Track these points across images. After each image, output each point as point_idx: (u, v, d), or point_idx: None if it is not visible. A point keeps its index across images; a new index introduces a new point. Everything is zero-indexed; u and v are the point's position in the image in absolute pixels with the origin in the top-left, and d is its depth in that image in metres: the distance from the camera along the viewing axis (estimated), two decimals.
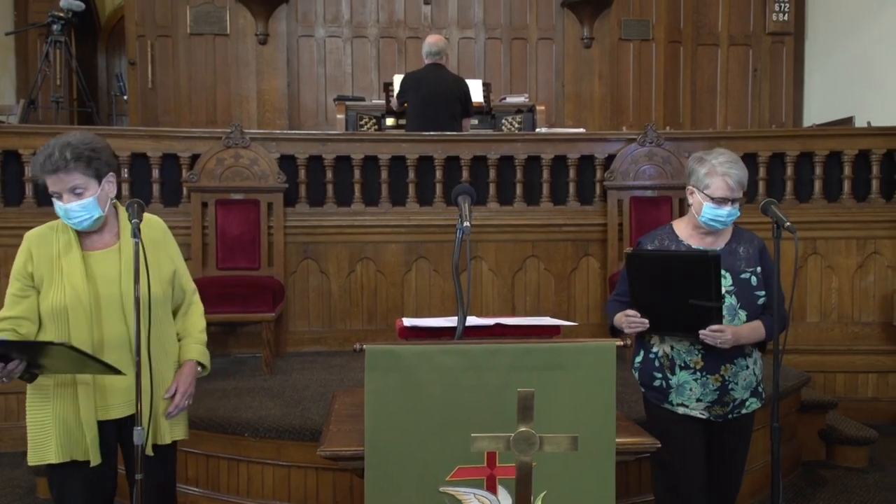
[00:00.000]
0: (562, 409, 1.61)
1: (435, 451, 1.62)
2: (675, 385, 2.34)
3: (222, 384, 3.52)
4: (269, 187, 4.11)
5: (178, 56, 6.84)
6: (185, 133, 4.35)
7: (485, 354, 1.65)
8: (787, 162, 4.43)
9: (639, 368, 2.44)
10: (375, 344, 1.67)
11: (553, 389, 1.63)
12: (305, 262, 4.24)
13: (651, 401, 2.41)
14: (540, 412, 1.38)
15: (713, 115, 7.43)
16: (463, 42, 6.39)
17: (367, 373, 1.62)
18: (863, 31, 6.29)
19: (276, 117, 6.72)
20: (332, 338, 4.24)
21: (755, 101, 7.41)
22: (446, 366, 1.63)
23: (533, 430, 1.35)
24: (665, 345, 2.36)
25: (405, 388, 1.62)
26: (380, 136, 4.66)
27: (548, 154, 4.36)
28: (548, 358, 1.66)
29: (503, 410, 1.57)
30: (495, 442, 1.37)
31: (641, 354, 2.44)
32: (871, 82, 6.17)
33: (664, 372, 2.36)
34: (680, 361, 2.34)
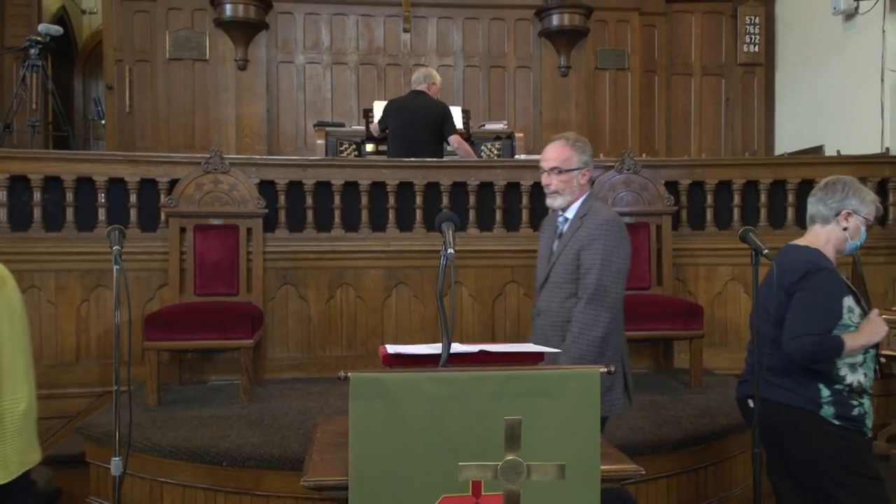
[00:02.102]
0: (547, 436, 1.61)
1: (420, 480, 1.60)
2: (867, 410, 2.39)
3: (199, 412, 3.46)
4: (248, 212, 4.09)
5: (156, 81, 6.82)
6: (164, 158, 4.32)
7: (470, 382, 1.64)
8: (760, 189, 4.52)
9: (831, 402, 2.35)
10: (360, 372, 1.65)
11: (538, 417, 1.63)
12: (285, 288, 4.21)
13: (848, 429, 2.35)
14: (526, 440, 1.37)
15: (688, 142, 7.57)
16: (442, 70, 6.43)
17: (351, 401, 1.60)
18: (830, 63, 6.48)
19: (255, 142, 6.71)
20: (312, 364, 4.20)
21: (728, 129, 7.57)
22: (431, 394, 1.62)
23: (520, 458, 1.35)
24: (858, 374, 2.37)
25: (390, 416, 1.60)
26: (360, 162, 4.67)
27: (527, 181, 4.40)
28: (532, 385, 1.66)
29: (489, 438, 1.57)
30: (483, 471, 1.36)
31: (827, 390, 2.36)
32: (838, 112, 6.34)
33: (858, 399, 2.37)
34: (868, 387, 2.40)
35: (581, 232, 2.55)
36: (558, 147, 2.61)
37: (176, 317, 3.64)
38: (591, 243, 2.52)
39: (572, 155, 2.60)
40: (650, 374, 4.24)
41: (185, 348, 3.79)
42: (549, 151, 2.63)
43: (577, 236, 2.55)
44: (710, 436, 3.20)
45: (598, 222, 2.53)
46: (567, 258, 2.56)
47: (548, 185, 2.62)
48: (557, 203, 2.62)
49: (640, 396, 3.70)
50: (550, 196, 2.62)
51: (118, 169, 4.15)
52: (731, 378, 4.17)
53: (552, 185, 2.61)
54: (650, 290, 4.23)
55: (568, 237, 2.58)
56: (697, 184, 4.51)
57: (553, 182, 2.60)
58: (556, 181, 2.60)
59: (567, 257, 2.56)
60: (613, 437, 2.80)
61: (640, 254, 4.25)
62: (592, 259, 2.51)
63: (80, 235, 4.11)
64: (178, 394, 3.82)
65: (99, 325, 4.07)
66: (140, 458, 2.96)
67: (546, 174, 2.62)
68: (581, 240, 2.54)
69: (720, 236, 4.48)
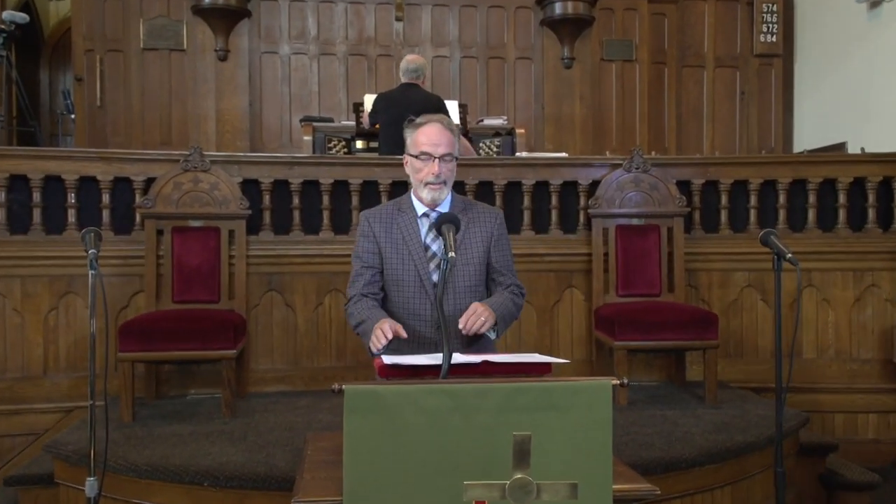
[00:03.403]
0: (556, 453, 1.61)
1: (420, 500, 1.60)
2: None
3: (177, 428, 3.44)
4: (230, 214, 4.09)
5: (129, 72, 6.82)
6: (140, 155, 4.32)
7: (473, 395, 1.64)
8: (779, 189, 4.54)
9: None
10: (353, 384, 1.65)
11: (546, 432, 1.63)
12: (269, 295, 4.21)
13: None
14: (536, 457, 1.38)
15: (699, 139, 7.62)
16: (437, 61, 6.49)
17: (346, 415, 1.60)
18: (854, 54, 6.52)
19: (237, 138, 6.72)
20: (298, 376, 4.20)
21: (743, 125, 7.62)
22: (432, 407, 1.62)
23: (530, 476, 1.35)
24: None
25: (387, 431, 1.61)
26: (350, 160, 4.68)
27: (529, 180, 4.42)
28: (540, 398, 1.66)
29: (495, 455, 1.57)
30: (489, 490, 1.36)
31: None
32: (863, 106, 6.38)
33: None
34: None
35: (478, 227, 2.58)
36: (441, 130, 2.50)
37: (152, 326, 3.63)
38: (500, 238, 2.60)
39: (455, 140, 2.54)
40: (661, 387, 4.26)
41: (162, 359, 3.78)
42: (438, 135, 2.49)
43: (475, 231, 2.57)
44: (727, 453, 3.21)
45: (498, 213, 2.63)
46: (470, 258, 2.54)
47: (438, 175, 2.48)
48: (443, 196, 2.53)
49: (649, 411, 3.72)
50: (437, 187, 2.50)
51: (89, 167, 4.14)
52: (748, 391, 4.19)
53: (443, 175, 2.49)
54: (660, 297, 4.25)
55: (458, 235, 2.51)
56: (711, 183, 4.53)
57: (443, 171, 2.49)
58: (446, 170, 2.50)
59: (469, 257, 2.54)
60: (621, 454, 2.80)
61: (650, 258, 4.27)
62: (506, 254, 2.61)
63: (49, 238, 4.10)
64: (154, 409, 3.80)
65: (69, 334, 4.06)
66: (114, 479, 2.94)
67: (437, 161, 2.47)
68: (484, 235, 2.57)
69: (735, 240, 4.51)
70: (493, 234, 2.59)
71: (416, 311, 2.54)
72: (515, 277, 2.64)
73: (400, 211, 2.60)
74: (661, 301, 4.21)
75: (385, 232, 2.58)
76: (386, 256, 2.57)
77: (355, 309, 2.52)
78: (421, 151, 2.48)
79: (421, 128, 2.51)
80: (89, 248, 1.96)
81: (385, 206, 2.68)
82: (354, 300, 2.56)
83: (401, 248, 2.56)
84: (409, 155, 2.54)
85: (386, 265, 2.57)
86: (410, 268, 2.54)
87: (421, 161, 2.49)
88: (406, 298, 2.55)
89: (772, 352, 4.42)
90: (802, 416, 3.84)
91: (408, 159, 2.55)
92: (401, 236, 2.56)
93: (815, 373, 4.45)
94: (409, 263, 2.54)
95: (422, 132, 2.50)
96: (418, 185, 2.52)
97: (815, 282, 4.47)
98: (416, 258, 2.53)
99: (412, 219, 2.57)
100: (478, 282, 2.57)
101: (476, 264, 2.55)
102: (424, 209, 2.56)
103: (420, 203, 2.57)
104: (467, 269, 2.53)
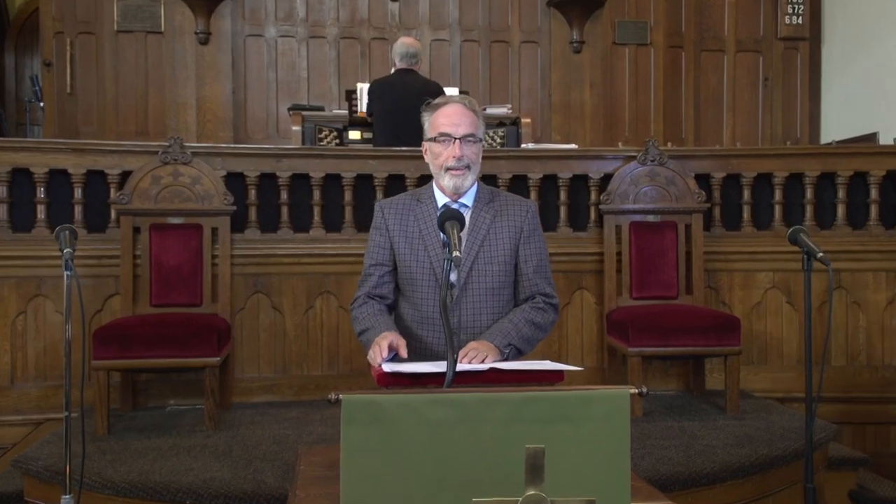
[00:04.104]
0: (570, 467, 1.62)
1: None
2: None
3: (157, 442, 3.45)
4: (213, 210, 4.09)
5: (102, 57, 6.82)
6: (115, 146, 4.32)
7: (480, 405, 1.64)
8: (806, 184, 4.55)
9: None
10: (351, 393, 1.66)
11: (559, 445, 1.64)
12: (256, 297, 4.21)
13: None
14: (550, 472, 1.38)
15: (719, 129, 7.64)
16: (436, 45, 6.50)
17: (343, 427, 1.61)
18: (887, 36, 6.53)
19: (219, 129, 6.72)
20: (287, 385, 4.20)
21: (766, 113, 7.64)
22: (436, 418, 1.63)
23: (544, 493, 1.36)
24: None
25: (388, 444, 1.61)
26: (343, 152, 4.68)
27: (536, 173, 4.42)
28: (552, 408, 1.67)
29: (503, 469, 1.57)
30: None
31: None
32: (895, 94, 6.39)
33: None
34: None
35: (505, 220, 2.48)
36: (463, 110, 2.41)
37: (129, 331, 3.63)
38: (532, 234, 2.51)
39: (478, 121, 2.45)
40: (678, 397, 4.27)
41: (139, 368, 3.78)
42: (459, 115, 2.40)
43: (501, 225, 2.48)
44: (751, 468, 3.22)
45: (529, 205, 2.53)
46: (494, 255, 2.45)
47: (460, 158, 2.39)
48: (468, 183, 2.44)
49: (667, 422, 3.74)
50: (460, 173, 2.40)
51: (60, 159, 4.14)
52: (772, 401, 4.21)
53: (465, 158, 2.39)
54: (678, 299, 4.26)
55: (481, 229, 2.45)
56: (732, 177, 4.54)
57: (466, 153, 2.39)
58: (470, 152, 2.40)
59: (493, 254, 2.45)
60: (637, 469, 2.81)
61: (667, 258, 4.28)
62: (537, 253, 2.51)
63: (16, 237, 4.10)
64: (131, 421, 3.81)
65: (38, 341, 4.06)
66: (89, 497, 2.95)
67: (458, 143, 2.38)
68: (512, 229, 2.48)
69: (759, 238, 4.52)
70: (523, 228, 2.49)
71: (430, 314, 2.45)
72: (548, 283, 2.52)
73: (419, 201, 2.51)
74: (678, 304, 4.22)
75: (399, 224, 2.50)
76: (399, 251, 2.49)
77: (360, 313, 2.47)
78: (440, 133, 2.40)
79: (440, 109, 2.43)
80: (64, 246, 1.96)
81: (403, 196, 2.61)
82: (360, 302, 2.51)
83: (416, 242, 2.47)
84: (427, 141, 2.46)
85: (399, 261, 2.50)
86: (425, 265, 2.45)
87: (440, 144, 2.40)
88: (420, 299, 2.46)
89: (798, 358, 4.43)
90: (831, 427, 3.85)
91: (426, 146, 2.47)
92: (417, 229, 2.47)
93: (845, 381, 4.46)
94: (425, 260, 2.45)
95: (441, 113, 2.42)
96: (439, 172, 2.43)
97: (845, 283, 4.49)
98: (433, 254, 2.44)
99: (431, 210, 2.48)
100: (503, 283, 2.47)
101: (501, 263, 2.45)
102: (446, 199, 2.46)
103: (442, 193, 2.48)
104: (490, 268, 2.43)
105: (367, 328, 2.40)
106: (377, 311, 2.45)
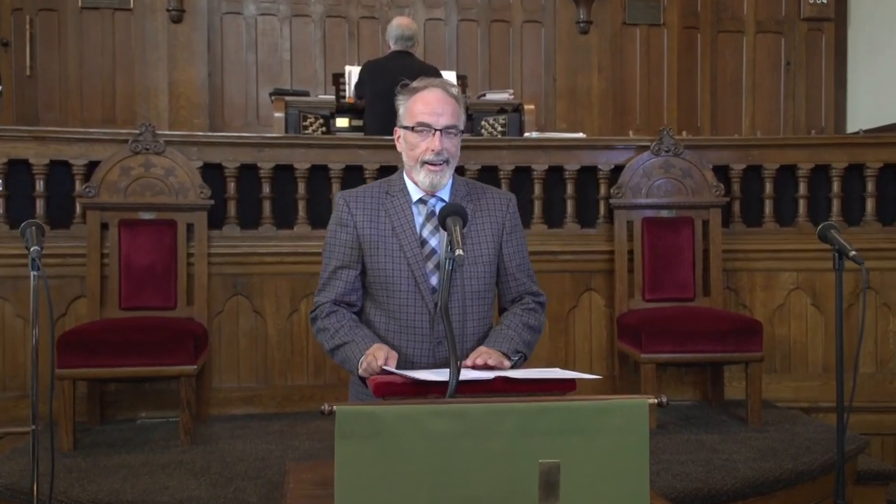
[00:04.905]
0: (585, 484, 1.62)
1: None
2: None
3: (127, 458, 3.44)
4: (188, 204, 4.08)
5: (65, 36, 6.80)
6: (80, 134, 4.31)
7: (487, 416, 1.65)
8: (832, 176, 4.57)
9: None
10: (346, 404, 1.66)
11: (572, 460, 1.64)
12: (235, 300, 4.20)
13: None
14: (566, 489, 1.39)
15: (737, 117, 7.67)
16: (430, 24, 6.49)
17: (337, 441, 1.61)
18: None
19: (194, 115, 6.72)
20: (269, 396, 4.20)
21: (788, 100, 7.67)
22: (438, 431, 1.63)
23: None
24: None
25: (387, 459, 1.61)
26: (331, 141, 4.68)
27: (540, 164, 4.43)
28: (564, 420, 1.67)
29: (512, 486, 1.58)
30: None
31: None
32: None
33: None
34: None
35: (486, 215, 2.46)
36: (444, 97, 2.36)
37: (96, 337, 3.63)
38: (514, 229, 2.50)
39: (460, 109, 2.40)
40: (695, 407, 4.28)
41: (107, 377, 3.77)
42: (440, 102, 2.35)
43: (483, 222, 2.45)
44: (775, 483, 3.24)
45: (509, 198, 2.53)
46: (477, 255, 2.41)
47: (440, 152, 2.34)
48: (445, 180, 2.39)
49: (683, 435, 3.75)
50: (438, 168, 2.35)
51: (20, 148, 4.12)
52: (797, 412, 4.22)
53: (445, 153, 2.34)
54: (694, 301, 4.28)
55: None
56: (753, 169, 4.55)
57: (446, 147, 2.34)
58: (450, 145, 2.36)
59: (477, 254, 2.41)
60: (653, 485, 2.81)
61: (682, 256, 4.29)
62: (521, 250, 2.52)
63: None
64: (99, 435, 3.80)
65: None
66: None
67: (438, 135, 2.33)
68: (494, 226, 2.46)
69: (782, 234, 4.53)
70: (505, 224, 2.47)
71: (412, 322, 2.38)
72: (533, 281, 2.53)
73: (389, 194, 2.44)
74: (695, 306, 4.24)
75: (369, 219, 2.41)
76: (370, 251, 2.40)
77: (329, 324, 2.37)
78: (418, 122, 2.35)
79: (418, 93, 2.38)
80: (31, 244, 1.96)
81: (370, 187, 2.53)
82: (326, 310, 2.40)
83: (389, 241, 2.39)
84: (401, 127, 2.41)
85: (370, 263, 2.41)
86: (402, 267, 2.37)
87: (417, 134, 2.35)
88: (397, 307, 2.39)
89: (824, 366, 4.45)
90: (860, 439, 3.87)
91: (400, 133, 2.42)
92: (390, 226, 2.40)
93: (874, 389, 4.48)
94: (401, 261, 2.37)
95: (419, 99, 2.37)
96: (413, 164, 2.38)
97: (874, 284, 4.50)
98: (410, 255, 2.37)
99: (405, 205, 2.42)
100: (487, 285, 2.45)
101: (485, 264, 2.42)
102: (421, 194, 2.41)
103: (415, 186, 2.42)
104: (475, 269, 2.40)
105: (345, 342, 2.32)
106: (352, 323, 2.38)
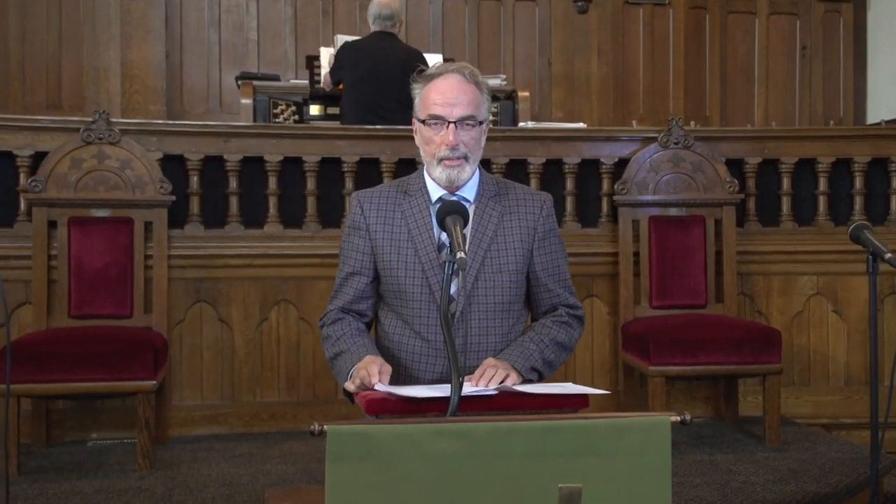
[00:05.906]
0: None
1: None
2: None
3: (79, 485, 3.41)
4: (146, 200, 4.06)
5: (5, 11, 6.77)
6: (25, 122, 4.29)
7: (492, 436, 1.65)
8: (854, 171, 4.61)
9: None
10: (337, 422, 1.65)
11: (587, 483, 1.64)
12: (198, 307, 4.19)
13: None
14: None
15: (749, 105, 7.72)
16: (414, 2, 6.47)
17: (329, 464, 1.60)
18: None
19: (149, 101, 6.69)
20: (236, 415, 4.18)
21: (804, 88, 7.73)
22: (439, 452, 1.63)
23: None
24: None
25: (383, 483, 1.61)
26: (305, 130, 4.68)
27: (537, 158, 4.44)
28: (577, 440, 1.68)
29: None
30: None
31: None
32: None
33: None
34: None
35: (515, 218, 2.46)
36: (461, 83, 2.34)
37: (43, 349, 3.60)
38: (547, 234, 2.49)
39: (482, 97, 2.39)
40: (707, 425, 4.30)
41: (56, 394, 3.73)
42: (456, 90, 2.33)
43: (511, 225, 2.45)
44: None
45: (543, 199, 2.52)
46: (503, 263, 2.42)
47: (455, 147, 2.33)
48: (465, 175, 2.39)
49: (696, 455, 3.77)
50: (455, 164, 2.35)
51: None
52: (818, 429, 4.25)
53: (462, 146, 2.34)
54: (706, 308, 4.30)
55: (487, 230, 2.42)
56: (769, 163, 4.59)
57: (462, 140, 2.34)
58: (468, 138, 2.35)
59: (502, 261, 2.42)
60: None
61: (693, 259, 4.31)
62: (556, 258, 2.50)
63: None
64: (45, 459, 3.77)
65: None
66: None
67: (452, 128, 2.32)
68: (524, 230, 2.45)
69: (800, 235, 4.57)
70: (537, 229, 2.46)
71: (425, 333, 2.39)
72: (570, 292, 2.50)
73: (406, 193, 2.46)
74: (707, 314, 4.26)
75: (383, 222, 2.43)
76: (383, 256, 2.42)
77: (334, 332, 2.41)
78: (430, 114, 2.33)
79: (433, 81, 2.36)
80: None
81: (387, 186, 2.56)
82: (332, 318, 2.45)
83: (404, 245, 2.41)
84: (416, 120, 2.41)
85: (384, 269, 2.43)
86: (416, 273, 2.38)
87: (430, 128, 2.34)
88: (410, 316, 2.40)
89: (847, 379, 4.50)
90: (888, 458, 3.91)
91: (416, 126, 2.42)
92: (405, 229, 2.41)
93: None
94: (415, 267, 2.38)
95: (433, 87, 2.35)
96: (430, 160, 2.39)
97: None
98: (425, 260, 2.37)
99: (422, 205, 2.42)
100: (514, 297, 2.43)
101: (512, 272, 2.41)
102: (441, 192, 2.42)
103: (435, 185, 2.43)
104: (500, 277, 2.39)
105: (342, 351, 2.34)
106: (356, 331, 2.40)
